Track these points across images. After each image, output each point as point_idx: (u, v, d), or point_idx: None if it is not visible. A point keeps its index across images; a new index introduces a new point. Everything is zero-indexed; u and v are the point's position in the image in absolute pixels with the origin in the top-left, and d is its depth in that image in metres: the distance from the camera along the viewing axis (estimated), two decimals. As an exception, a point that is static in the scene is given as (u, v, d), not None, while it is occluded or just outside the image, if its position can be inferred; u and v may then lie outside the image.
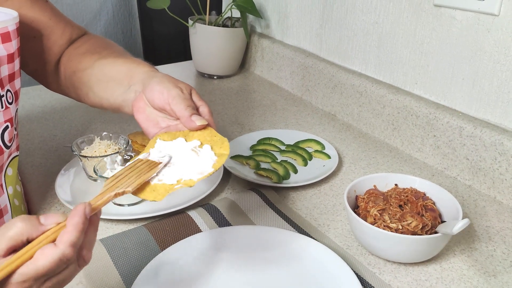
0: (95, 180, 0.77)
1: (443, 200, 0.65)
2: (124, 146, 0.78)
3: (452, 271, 0.60)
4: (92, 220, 0.43)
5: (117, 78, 0.65)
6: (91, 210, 0.43)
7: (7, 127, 0.58)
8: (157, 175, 0.50)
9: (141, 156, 0.54)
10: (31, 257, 0.38)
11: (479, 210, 0.73)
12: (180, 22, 1.22)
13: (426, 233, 0.60)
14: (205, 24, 1.21)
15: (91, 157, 0.74)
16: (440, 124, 0.82)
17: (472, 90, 0.78)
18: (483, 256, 0.63)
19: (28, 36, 0.67)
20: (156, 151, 0.54)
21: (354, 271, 0.59)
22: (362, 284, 0.58)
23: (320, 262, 0.60)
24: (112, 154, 0.75)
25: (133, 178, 0.47)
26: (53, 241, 0.40)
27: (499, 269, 0.61)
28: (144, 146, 0.79)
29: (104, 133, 0.81)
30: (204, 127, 0.57)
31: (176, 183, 0.49)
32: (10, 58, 0.58)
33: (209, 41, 1.22)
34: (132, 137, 0.81)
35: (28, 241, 0.40)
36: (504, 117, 0.75)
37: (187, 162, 0.52)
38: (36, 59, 0.71)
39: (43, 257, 0.38)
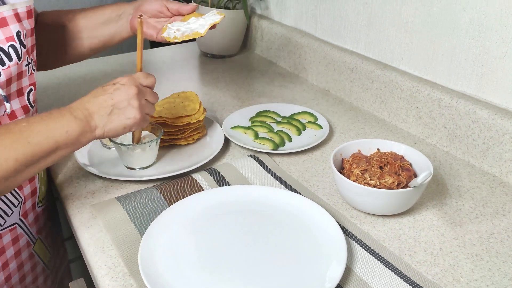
0: (109, 148, 0.86)
1: (419, 161, 0.73)
2: (135, 117, 0.86)
3: (423, 222, 0.69)
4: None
5: (103, 18, 0.85)
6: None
7: (31, 89, 0.70)
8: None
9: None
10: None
11: (453, 172, 0.81)
12: (184, 5, 1.30)
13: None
14: (207, 6, 1.29)
15: (105, 126, 0.83)
16: (421, 96, 0.89)
17: (450, 65, 0.86)
18: (452, 209, 0.72)
19: None
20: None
21: (338, 223, 0.68)
22: (344, 233, 0.66)
23: (309, 215, 0.69)
24: (124, 124, 0.83)
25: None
26: None
27: (465, 220, 0.69)
28: (152, 117, 0.87)
29: (116, 106, 0.89)
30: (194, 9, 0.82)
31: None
32: (32, 32, 0.69)
33: (211, 23, 1.29)
34: (142, 109, 0.90)
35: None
36: (478, 89, 0.82)
37: (200, 24, 0.78)
38: None
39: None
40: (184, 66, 1.30)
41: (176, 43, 0.80)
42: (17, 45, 0.64)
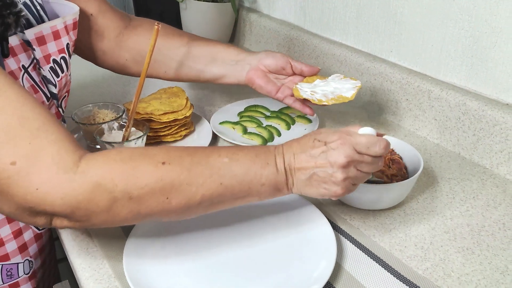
0: (95, 146, 0.84)
1: (409, 154, 0.72)
2: (120, 114, 0.84)
3: (414, 216, 0.68)
4: None
5: (221, 57, 0.82)
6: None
7: (65, 96, 0.71)
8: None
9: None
10: None
11: (444, 164, 0.80)
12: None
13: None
14: (194, -1, 1.26)
15: (90, 124, 0.81)
16: (411, 88, 0.88)
17: (440, 56, 0.85)
18: (442, 203, 0.71)
19: (85, 14, 0.77)
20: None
21: (328, 218, 0.67)
22: (334, 229, 0.65)
23: (299, 211, 0.67)
24: (109, 121, 0.81)
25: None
26: None
27: (456, 213, 0.69)
28: (139, 113, 0.85)
29: (101, 103, 0.88)
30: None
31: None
32: (74, 42, 0.70)
33: (199, 16, 1.27)
34: (127, 105, 0.88)
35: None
36: (468, 80, 0.81)
37: (336, 87, 0.77)
38: (91, 36, 0.80)
39: None
40: (172, 61, 1.28)
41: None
42: (66, 56, 0.66)
